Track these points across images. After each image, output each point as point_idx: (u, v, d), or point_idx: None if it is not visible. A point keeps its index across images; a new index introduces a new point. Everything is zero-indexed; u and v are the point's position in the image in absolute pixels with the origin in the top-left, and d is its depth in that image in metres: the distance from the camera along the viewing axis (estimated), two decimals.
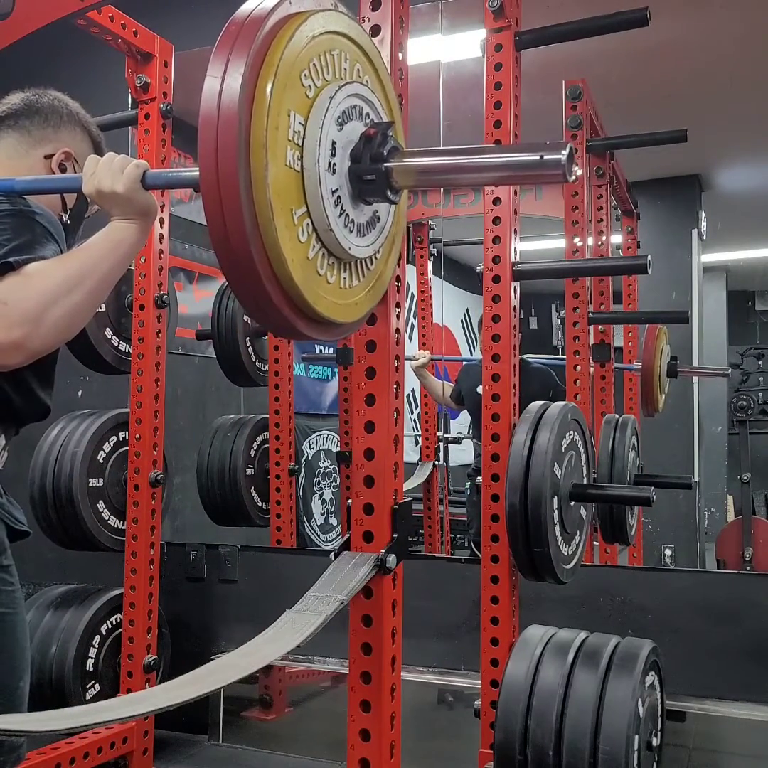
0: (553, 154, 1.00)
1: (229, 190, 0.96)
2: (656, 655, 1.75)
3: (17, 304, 1.15)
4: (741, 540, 3.64)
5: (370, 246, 1.16)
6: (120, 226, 1.28)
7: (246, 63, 0.96)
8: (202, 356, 3.83)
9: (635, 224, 3.75)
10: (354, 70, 1.16)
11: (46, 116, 1.53)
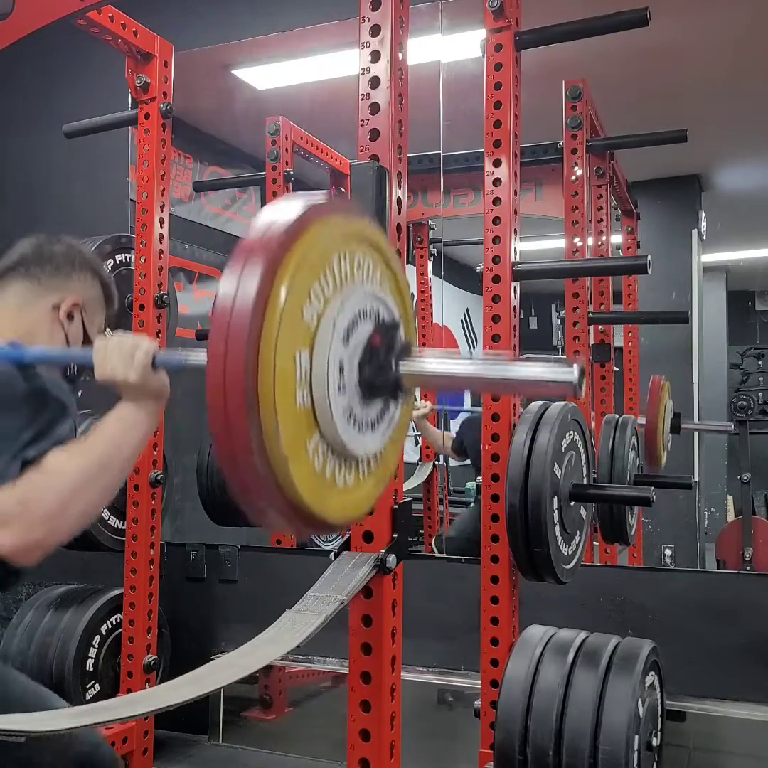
0: (564, 372, 0.98)
1: (241, 449, 0.93)
2: (656, 655, 1.75)
3: (37, 505, 1.16)
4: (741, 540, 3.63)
5: (381, 437, 1.12)
6: (133, 410, 1.30)
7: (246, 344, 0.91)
8: None
9: (635, 224, 3.75)
10: (359, 269, 1.07)
11: (57, 265, 1.53)
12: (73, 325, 1.53)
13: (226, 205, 4.18)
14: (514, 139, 2.00)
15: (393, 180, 1.48)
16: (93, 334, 1.58)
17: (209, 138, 4.06)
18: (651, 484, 2.69)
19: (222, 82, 3.82)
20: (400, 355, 1.07)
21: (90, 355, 1.32)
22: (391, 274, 1.15)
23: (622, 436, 2.66)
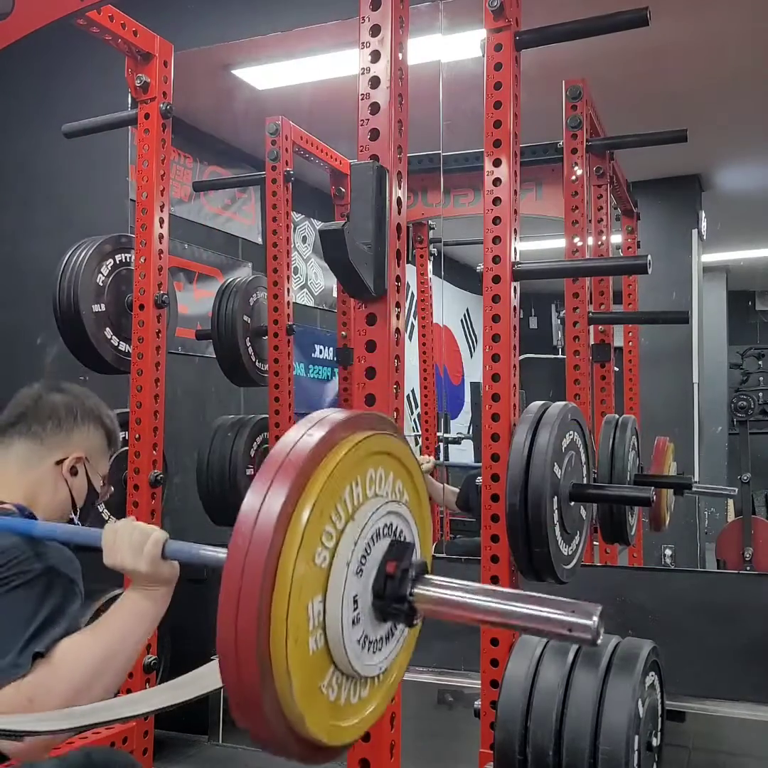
0: (583, 625, 0.97)
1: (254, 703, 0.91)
2: (656, 655, 1.75)
3: (44, 703, 1.16)
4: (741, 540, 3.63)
5: (390, 654, 1.09)
6: (142, 596, 1.29)
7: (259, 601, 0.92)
8: (202, 356, 3.83)
9: (635, 224, 3.75)
10: (373, 486, 1.04)
11: (59, 419, 1.52)
12: (77, 479, 1.53)
13: (225, 205, 4.18)
14: (514, 139, 2.00)
15: (393, 180, 1.48)
16: (97, 484, 1.58)
17: (209, 138, 4.06)
18: (651, 484, 2.69)
19: (222, 81, 3.82)
20: (414, 582, 1.03)
21: (99, 538, 1.31)
22: (409, 480, 1.11)
23: (622, 436, 2.65)
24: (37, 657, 1.19)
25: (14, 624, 1.21)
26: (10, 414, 1.53)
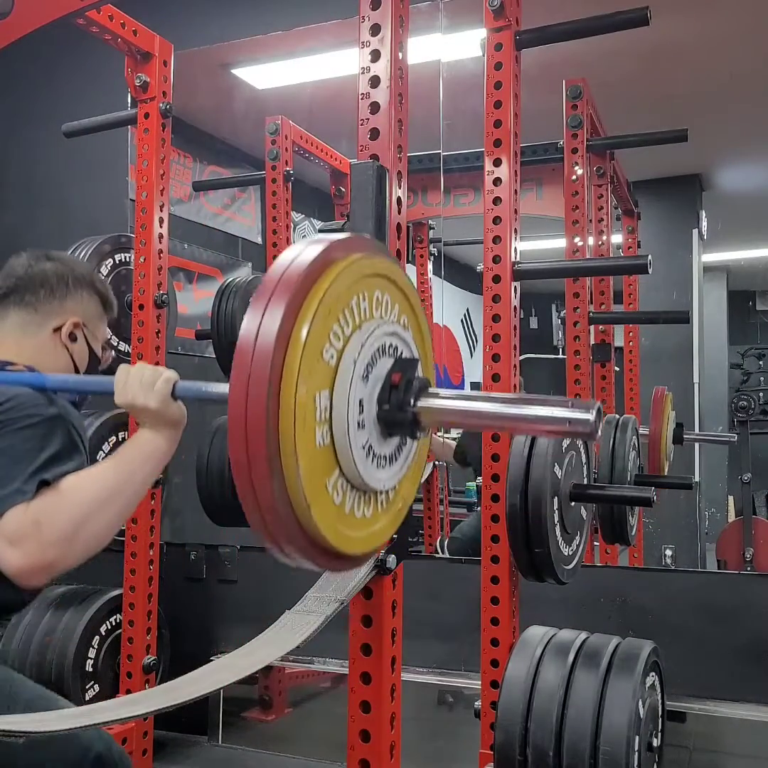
0: (581, 416, 0.98)
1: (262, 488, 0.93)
2: (657, 655, 1.75)
3: (51, 525, 1.16)
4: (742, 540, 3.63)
5: (398, 471, 1.13)
6: (151, 437, 1.31)
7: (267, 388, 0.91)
8: (201, 356, 3.83)
9: (636, 224, 3.75)
10: (379, 306, 1.08)
11: (51, 287, 1.52)
12: (77, 344, 1.54)
13: (225, 205, 4.18)
14: (514, 139, 2.00)
15: (393, 179, 1.47)
16: (97, 349, 1.59)
17: (209, 137, 4.06)
18: (651, 484, 2.68)
19: (222, 81, 3.81)
20: (418, 393, 1.07)
21: (111, 382, 1.33)
22: (410, 311, 1.15)
23: (623, 436, 2.65)
24: (43, 485, 1.19)
25: (20, 458, 1.21)
26: (2, 286, 1.53)
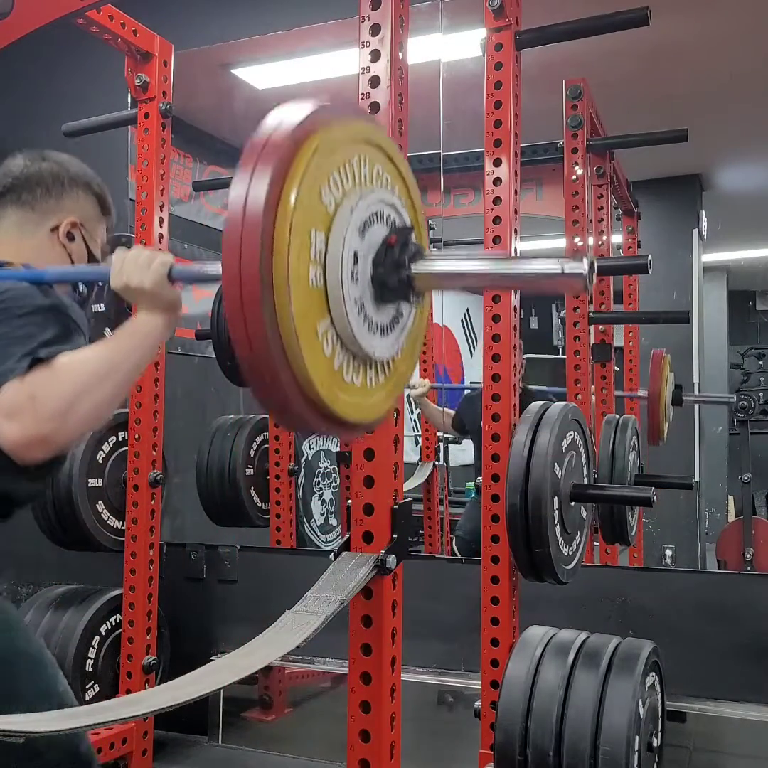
0: (574, 267, 1.00)
1: (255, 322, 0.94)
2: (657, 655, 1.75)
3: (46, 399, 1.15)
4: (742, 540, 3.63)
5: (393, 344, 1.14)
6: (146, 320, 1.30)
7: (264, 207, 0.94)
8: (201, 356, 3.83)
9: (636, 224, 3.75)
10: (375, 175, 1.12)
11: (47, 187, 1.52)
12: (75, 244, 1.53)
13: (225, 205, 4.17)
14: (514, 139, 2.00)
15: None
16: (96, 250, 1.58)
17: (209, 137, 4.06)
18: (651, 484, 2.68)
19: (222, 81, 3.81)
20: (413, 256, 1.09)
21: (107, 270, 1.32)
22: (402, 182, 1.18)
23: (623, 437, 2.65)
24: (37, 362, 1.19)
25: (14, 342, 1.21)
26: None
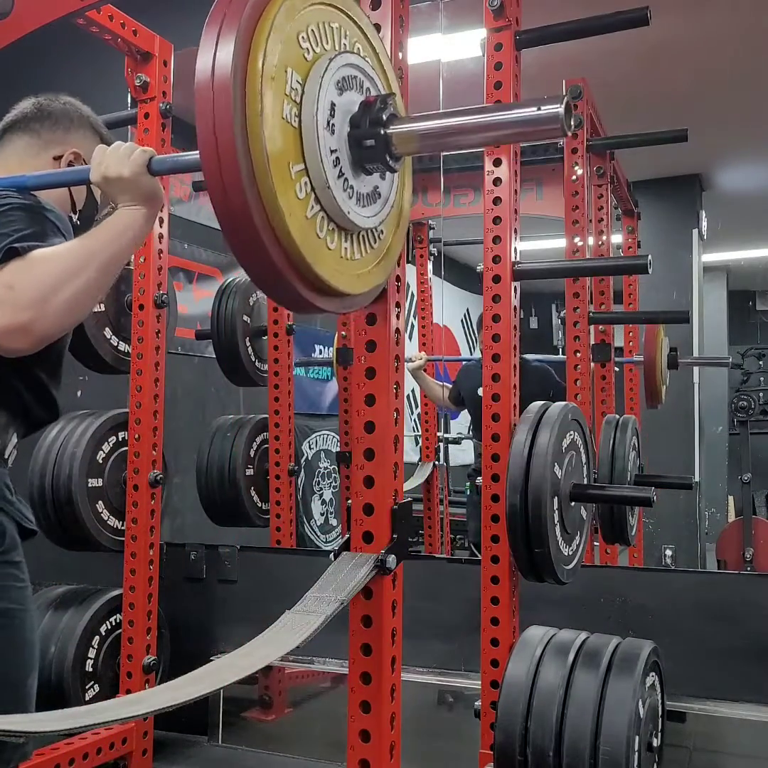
0: (549, 107, 1.02)
1: (225, 139, 0.95)
2: (657, 655, 1.75)
3: (24, 288, 1.15)
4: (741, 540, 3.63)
5: (372, 218, 1.14)
6: (126, 212, 1.30)
7: (243, 15, 0.97)
8: (201, 356, 3.83)
9: (636, 224, 3.75)
10: (353, 46, 1.15)
11: (56, 119, 1.54)
12: None
13: None
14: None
15: None
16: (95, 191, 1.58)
17: None
18: (651, 484, 2.68)
19: None
20: (391, 117, 1.09)
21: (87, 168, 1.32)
22: (376, 59, 1.21)
23: (623, 437, 2.65)
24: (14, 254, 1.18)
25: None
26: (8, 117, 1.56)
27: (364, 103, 1.09)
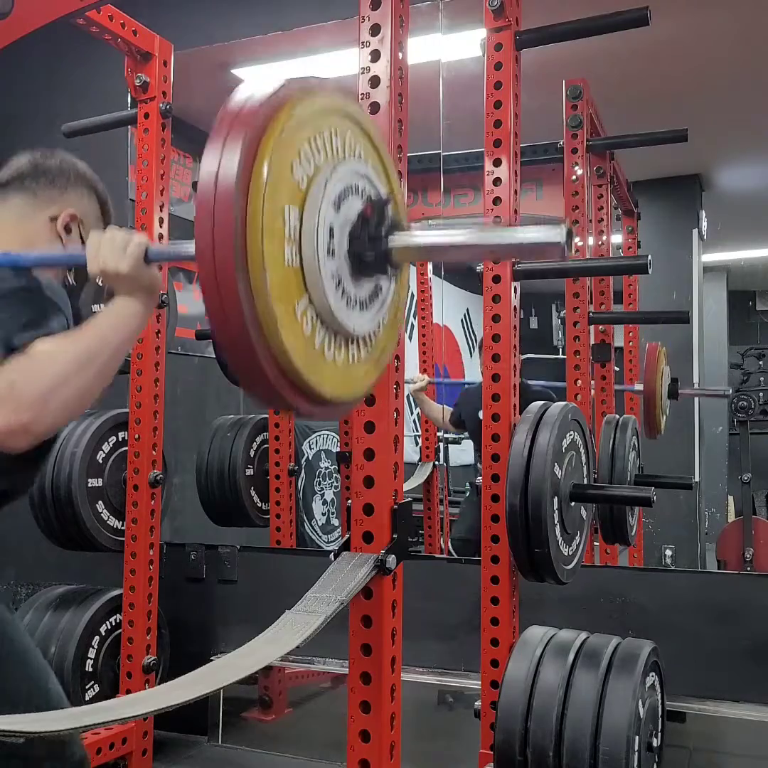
0: (551, 234, 1.01)
1: (231, 305, 0.92)
2: (656, 655, 1.75)
3: (25, 386, 1.15)
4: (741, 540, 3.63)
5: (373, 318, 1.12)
6: (125, 304, 1.29)
7: (235, 184, 0.93)
8: (201, 356, 3.83)
9: (636, 224, 3.75)
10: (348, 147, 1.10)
11: (52, 178, 1.53)
12: (71, 237, 1.52)
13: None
14: (514, 139, 2.00)
15: None
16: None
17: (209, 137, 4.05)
18: (651, 484, 2.68)
19: (222, 81, 3.81)
20: (390, 229, 1.07)
21: (83, 254, 1.31)
22: (376, 154, 1.16)
23: (623, 437, 2.65)
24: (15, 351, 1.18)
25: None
26: (4, 173, 1.54)
27: (362, 216, 1.06)
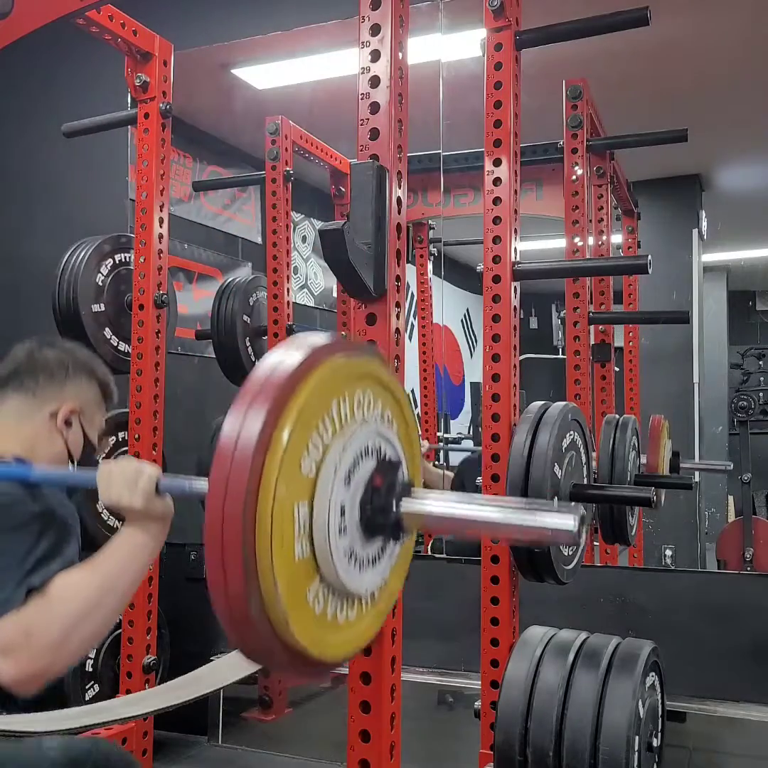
0: (564, 523, 0.98)
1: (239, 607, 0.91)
2: (656, 655, 1.75)
3: (41, 635, 1.16)
4: (741, 540, 3.63)
5: (383, 570, 1.11)
6: (137, 533, 1.30)
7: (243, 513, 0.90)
8: (201, 356, 3.83)
9: (636, 224, 3.75)
10: (361, 408, 1.06)
11: (51, 373, 1.53)
12: (72, 431, 1.53)
13: (225, 205, 4.18)
14: (514, 139, 2.00)
15: (393, 179, 1.47)
16: (93, 437, 1.59)
17: (209, 137, 4.06)
18: (651, 484, 2.68)
19: (221, 81, 3.81)
20: (401, 495, 1.05)
21: (94, 478, 1.32)
22: (397, 408, 1.13)
23: (623, 437, 2.65)
24: (32, 592, 1.19)
25: (8, 563, 1.21)
26: (3, 371, 1.55)
27: (372, 487, 1.04)
